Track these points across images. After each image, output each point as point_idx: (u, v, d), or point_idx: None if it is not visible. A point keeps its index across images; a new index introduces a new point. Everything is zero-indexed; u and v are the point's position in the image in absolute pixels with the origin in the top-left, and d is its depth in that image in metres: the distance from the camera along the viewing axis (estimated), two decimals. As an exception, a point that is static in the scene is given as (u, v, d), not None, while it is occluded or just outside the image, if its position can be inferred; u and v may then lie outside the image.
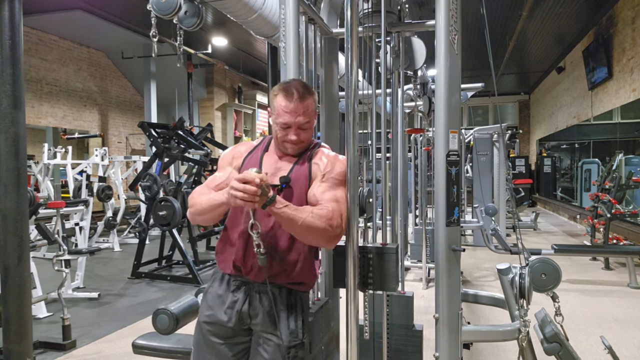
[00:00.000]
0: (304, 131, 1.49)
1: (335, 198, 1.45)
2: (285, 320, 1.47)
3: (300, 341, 1.48)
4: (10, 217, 2.40)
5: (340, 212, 1.43)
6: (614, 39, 7.78)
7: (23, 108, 2.45)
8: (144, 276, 5.58)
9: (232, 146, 1.67)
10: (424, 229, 4.87)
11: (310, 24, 2.12)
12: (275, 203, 1.31)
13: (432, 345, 1.88)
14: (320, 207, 1.41)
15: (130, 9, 7.97)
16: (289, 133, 1.47)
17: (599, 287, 4.94)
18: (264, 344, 1.47)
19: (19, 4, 2.42)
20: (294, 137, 1.47)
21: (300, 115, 1.45)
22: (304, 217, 1.34)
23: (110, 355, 3.30)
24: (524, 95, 16.15)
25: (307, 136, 1.51)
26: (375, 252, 1.66)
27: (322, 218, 1.37)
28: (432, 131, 3.59)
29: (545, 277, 2.02)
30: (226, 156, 1.62)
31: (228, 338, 1.51)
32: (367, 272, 1.66)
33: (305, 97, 1.46)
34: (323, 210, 1.39)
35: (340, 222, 1.42)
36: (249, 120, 13.53)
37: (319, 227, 1.36)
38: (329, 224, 1.37)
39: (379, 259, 1.65)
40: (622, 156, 7.60)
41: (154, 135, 5.97)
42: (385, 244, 1.71)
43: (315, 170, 1.50)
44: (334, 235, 1.40)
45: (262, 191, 1.26)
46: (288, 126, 1.47)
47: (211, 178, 1.60)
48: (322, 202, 1.43)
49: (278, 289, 1.49)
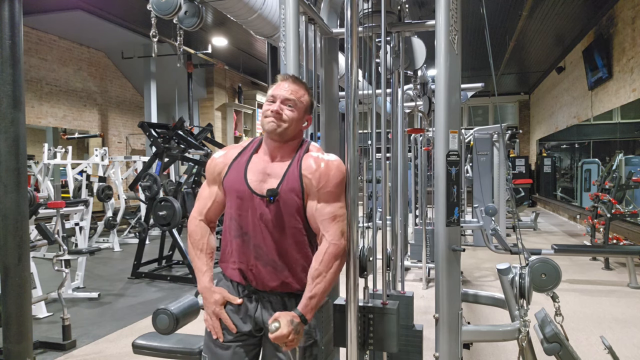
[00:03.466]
0: (289, 110, 1.47)
1: (333, 215, 1.45)
2: None
3: (314, 340, 1.50)
4: (10, 217, 2.40)
5: (340, 230, 1.45)
6: (614, 39, 7.78)
7: (23, 108, 2.45)
8: (144, 276, 5.58)
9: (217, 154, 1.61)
10: (424, 229, 4.87)
11: (310, 24, 2.12)
12: (306, 314, 1.39)
13: (432, 345, 1.88)
14: (322, 248, 1.43)
15: (130, 9, 7.97)
16: (272, 106, 1.47)
17: (599, 287, 4.94)
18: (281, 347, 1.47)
19: (19, 4, 2.42)
20: (276, 107, 1.46)
21: (288, 90, 1.48)
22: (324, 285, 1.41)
23: (110, 355, 3.30)
24: (524, 95, 16.14)
25: (290, 117, 1.46)
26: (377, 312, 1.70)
27: (330, 261, 1.42)
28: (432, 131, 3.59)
29: (545, 277, 2.03)
30: (209, 168, 1.58)
31: (243, 341, 1.52)
32: (367, 332, 1.70)
33: (296, 82, 1.51)
34: (327, 254, 1.42)
35: (344, 244, 1.46)
36: (249, 120, 13.53)
37: (335, 269, 1.43)
38: (337, 257, 1.43)
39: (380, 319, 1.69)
40: (622, 156, 7.60)
41: (154, 135, 5.97)
42: (386, 304, 1.73)
43: (308, 184, 1.45)
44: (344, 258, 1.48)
45: (296, 331, 1.34)
46: (273, 100, 1.48)
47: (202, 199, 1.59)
48: (321, 227, 1.44)
49: (287, 296, 1.50)
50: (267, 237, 1.45)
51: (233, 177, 1.50)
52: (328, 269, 1.41)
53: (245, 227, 1.47)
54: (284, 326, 1.31)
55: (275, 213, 1.44)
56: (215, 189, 1.57)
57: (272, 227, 1.45)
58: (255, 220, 1.46)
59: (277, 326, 1.31)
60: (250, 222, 1.47)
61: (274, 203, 1.44)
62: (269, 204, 1.44)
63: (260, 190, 1.45)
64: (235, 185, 1.49)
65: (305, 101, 1.51)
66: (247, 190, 1.46)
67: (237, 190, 1.48)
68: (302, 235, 1.47)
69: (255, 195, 1.45)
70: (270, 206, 1.44)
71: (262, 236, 1.45)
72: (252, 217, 1.46)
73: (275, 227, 1.45)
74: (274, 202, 1.44)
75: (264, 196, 1.44)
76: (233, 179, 1.50)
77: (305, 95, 1.52)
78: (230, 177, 1.51)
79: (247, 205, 1.46)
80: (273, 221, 1.45)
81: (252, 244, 1.47)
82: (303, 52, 1.99)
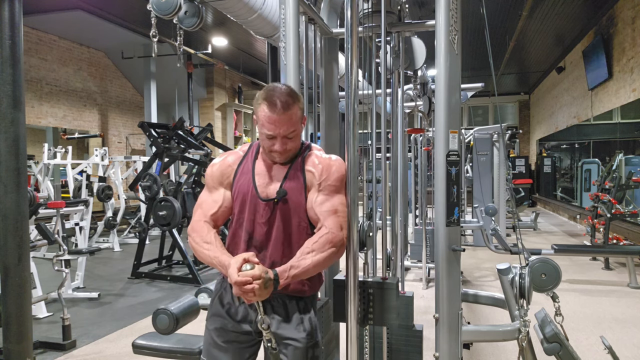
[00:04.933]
0: (290, 140, 1.44)
1: (334, 209, 1.44)
2: (300, 324, 1.48)
3: (316, 341, 1.50)
4: (10, 217, 2.40)
5: (339, 223, 1.44)
6: (614, 39, 7.78)
7: (23, 108, 2.45)
8: (144, 276, 5.58)
9: (218, 160, 1.58)
10: (424, 229, 4.87)
11: (310, 24, 2.12)
12: (280, 279, 1.32)
13: (432, 345, 1.88)
14: (318, 234, 1.41)
15: (130, 9, 7.97)
16: (275, 143, 1.43)
17: (598, 287, 4.94)
18: (283, 349, 1.47)
19: (19, 4, 2.42)
20: (280, 147, 1.43)
21: (285, 125, 1.40)
22: (310, 262, 1.37)
23: (110, 355, 3.30)
24: (524, 95, 16.14)
25: (293, 145, 1.46)
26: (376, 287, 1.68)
27: (324, 246, 1.39)
28: (432, 131, 3.59)
29: (545, 277, 2.02)
30: (215, 173, 1.55)
31: (242, 342, 1.52)
32: (367, 307, 1.69)
33: (289, 106, 1.40)
34: (322, 238, 1.40)
35: (342, 235, 1.44)
36: (249, 120, 13.52)
37: (326, 256, 1.39)
38: (332, 246, 1.40)
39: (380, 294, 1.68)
40: (622, 156, 7.59)
41: (154, 135, 5.97)
42: (386, 279, 1.73)
43: (310, 178, 1.47)
44: (341, 250, 1.44)
45: (265, 283, 1.28)
46: (273, 137, 1.43)
47: (205, 200, 1.54)
48: (321, 217, 1.43)
49: (288, 298, 1.50)
50: (272, 238, 1.47)
51: (242, 181, 1.51)
52: (320, 250, 1.39)
53: (251, 229, 1.48)
54: (257, 269, 1.28)
55: (281, 213, 1.46)
56: (222, 192, 1.53)
57: (278, 228, 1.47)
58: (261, 222, 1.47)
59: (251, 267, 1.28)
60: (256, 224, 1.48)
61: (279, 204, 1.45)
62: (275, 205, 1.45)
63: (266, 194, 1.47)
64: (244, 189, 1.49)
65: (299, 115, 1.45)
66: (254, 194, 1.48)
67: (245, 194, 1.49)
68: (307, 234, 1.48)
69: (260, 199, 1.47)
70: (276, 207, 1.45)
71: (267, 237, 1.47)
72: (259, 219, 1.47)
73: (280, 228, 1.47)
74: (280, 203, 1.45)
75: (270, 199, 1.46)
76: (242, 183, 1.51)
77: (298, 110, 1.45)
78: (240, 181, 1.51)
79: (253, 208, 1.48)
80: (279, 222, 1.46)
81: (257, 245, 1.48)
82: (303, 52, 2.00)
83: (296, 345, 1.46)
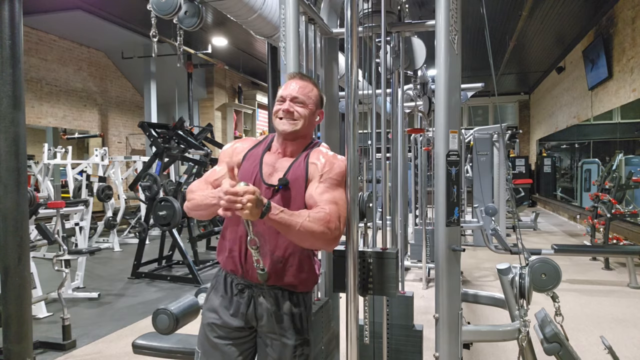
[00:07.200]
0: (299, 107, 1.49)
1: (334, 200, 1.43)
2: (290, 321, 1.47)
3: (304, 339, 1.49)
4: (10, 217, 2.41)
5: (338, 214, 1.41)
6: (614, 39, 7.79)
7: (23, 108, 2.45)
8: (144, 276, 5.58)
9: (235, 141, 1.65)
10: (424, 229, 4.87)
11: (310, 24, 2.12)
12: (271, 210, 1.28)
13: (432, 345, 1.88)
14: (318, 209, 1.39)
15: (130, 9, 7.97)
16: (282, 105, 1.50)
17: (598, 287, 4.94)
18: (271, 345, 1.47)
19: (19, 4, 2.42)
20: (286, 106, 1.49)
21: (296, 89, 1.50)
22: (301, 222, 1.32)
23: (110, 355, 3.30)
24: (524, 95, 16.15)
25: (302, 113, 1.49)
26: (375, 256, 1.65)
27: (319, 221, 1.35)
28: (432, 131, 3.59)
29: (545, 277, 2.03)
30: (227, 150, 1.61)
31: (234, 339, 1.51)
32: (367, 277, 1.66)
33: (303, 78, 1.54)
34: (320, 213, 1.37)
35: (338, 225, 1.40)
36: (249, 120, 13.53)
37: (316, 230, 1.34)
38: (326, 227, 1.35)
39: (379, 263, 1.65)
40: (622, 156, 7.60)
41: (154, 135, 5.97)
42: (385, 249, 1.71)
43: (313, 170, 1.48)
44: (333, 237, 1.38)
45: (257, 202, 1.23)
46: (282, 100, 1.50)
47: (211, 172, 1.61)
48: (320, 204, 1.41)
49: (280, 291, 1.49)
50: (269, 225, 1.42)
51: (247, 165, 1.53)
52: (314, 222, 1.34)
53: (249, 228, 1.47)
54: (252, 187, 1.24)
55: (281, 201, 1.45)
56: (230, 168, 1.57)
57: None
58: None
59: (247, 184, 1.25)
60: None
61: (279, 192, 1.46)
62: (275, 194, 1.46)
63: (269, 181, 1.48)
64: (248, 174, 1.51)
65: (315, 96, 1.54)
66: (259, 179, 1.48)
67: (248, 179, 1.49)
68: None
69: (264, 183, 1.48)
70: (276, 195, 1.46)
71: (266, 225, 1.43)
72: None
73: None
74: (281, 191, 1.46)
75: (273, 185, 1.46)
76: (247, 167, 1.53)
77: (314, 90, 1.54)
78: (245, 165, 1.54)
79: None
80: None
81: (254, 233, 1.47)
82: (303, 52, 2.00)
83: (284, 341, 1.45)
